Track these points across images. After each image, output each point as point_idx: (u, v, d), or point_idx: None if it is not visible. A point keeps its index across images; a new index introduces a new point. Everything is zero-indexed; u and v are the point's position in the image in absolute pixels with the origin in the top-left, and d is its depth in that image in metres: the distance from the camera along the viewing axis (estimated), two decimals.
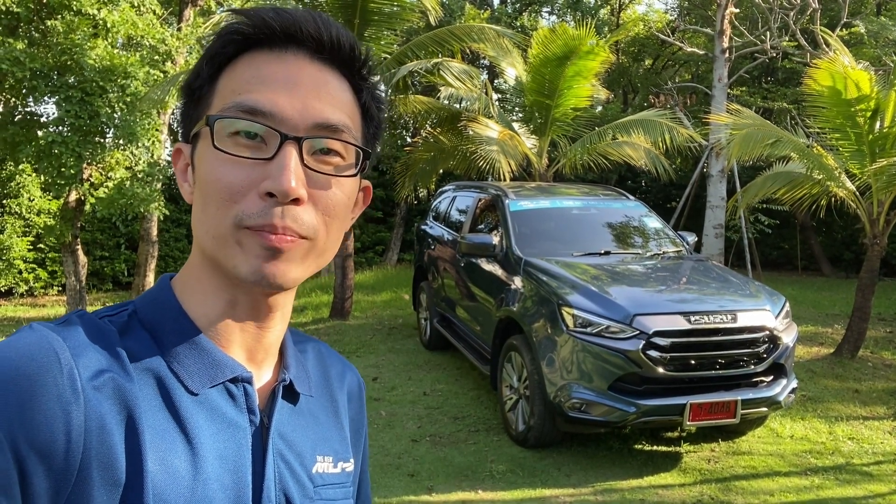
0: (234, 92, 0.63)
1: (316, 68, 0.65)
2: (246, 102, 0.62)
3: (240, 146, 0.62)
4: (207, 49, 0.67)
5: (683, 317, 4.19)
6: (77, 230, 10.09)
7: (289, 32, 0.64)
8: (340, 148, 0.65)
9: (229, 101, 0.63)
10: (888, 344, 7.48)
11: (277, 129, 0.61)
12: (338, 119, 0.65)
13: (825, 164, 6.63)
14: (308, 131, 0.63)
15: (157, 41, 8.99)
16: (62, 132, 8.49)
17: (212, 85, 0.66)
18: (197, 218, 0.65)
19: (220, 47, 0.66)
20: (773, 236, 12.81)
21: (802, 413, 5.38)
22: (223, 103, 0.64)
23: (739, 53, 12.24)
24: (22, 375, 0.54)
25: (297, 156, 0.62)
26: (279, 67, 0.64)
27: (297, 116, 0.63)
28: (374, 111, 0.71)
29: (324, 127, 0.64)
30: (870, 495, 4.11)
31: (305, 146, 0.63)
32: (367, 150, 0.68)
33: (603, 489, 4.14)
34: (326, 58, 0.66)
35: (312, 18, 0.65)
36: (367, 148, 0.68)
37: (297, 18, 0.64)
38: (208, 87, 0.66)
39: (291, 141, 0.62)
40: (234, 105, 0.62)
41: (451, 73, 8.19)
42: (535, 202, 5.90)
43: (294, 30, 0.64)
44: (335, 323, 8.49)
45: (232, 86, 0.64)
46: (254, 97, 0.62)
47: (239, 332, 0.68)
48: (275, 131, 0.61)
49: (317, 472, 0.72)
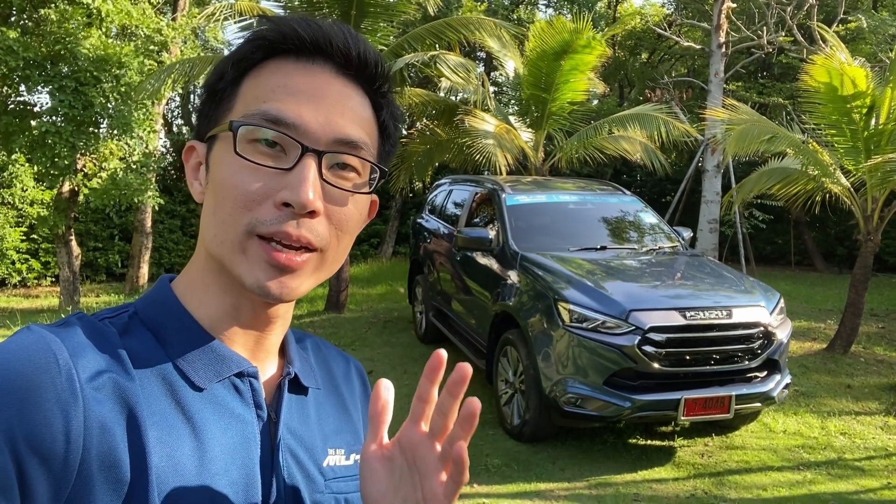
0: (258, 99, 0.63)
1: (341, 83, 0.66)
2: (271, 112, 0.62)
3: (259, 154, 0.62)
4: (234, 52, 0.67)
5: (679, 312, 4.20)
6: (71, 221, 10.05)
7: (318, 45, 0.65)
8: (358, 164, 0.66)
9: (253, 108, 0.63)
10: (880, 339, 7.53)
11: (299, 140, 0.62)
12: (358, 136, 0.65)
13: (821, 160, 6.64)
14: (328, 146, 0.63)
15: (152, 31, 8.92)
16: (56, 122, 8.43)
17: (235, 88, 0.66)
18: (206, 220, 0.65)
19: (248, 52, 0.66)
20: (767, 231, 12.86)
21: (795, 408, 5.42)
22: (247, 109, 0.64)
23: (736, 48, 12.24)
24: (20, 377, 0.54)
25: (316, 169, 0.62)
26: (306, 79, 0.64)
27: (320, 130, 0.63)
28: (391, 129, 0.72)
29: (344, 143, 0.64)
30: (861, 490, 4.14)
31: (325, 160, 0.63)
32: (383, 169, 0.69)
33: (597, 483, 4.16)
34: (352, 73, 0.67)
35: (342, 33, 0.65)
36: (382, 166, 0.69)
37: (328, 32, 0.65)
38: (231, 89, 0.66)
39: (312, 153, 0.62)
40: (259, 113, 0.62)
41: (448, 66, 8.16)
42: (531, 196, 5.90)
43: (324, 43, 0.65)
44: (330, 316, 8.48)
45: (256, 92, 0.64)
46: (278, 106, 0.62)
47: (241, 333, 0.69)
48: (296, 142, 0.62)
49: (328, 465, 0.72)
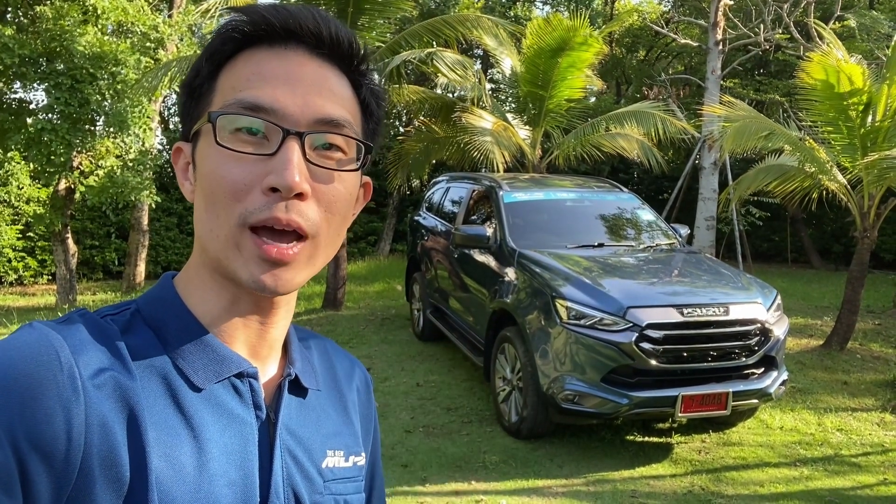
0: (234, 89, 0.63)
1: (316, 64, 0.66)
2: (247, 99, 0.62)
3: (242, 142, 0.62)
4: (207, 47, 0.67)
5: (676, 309, 4.21)
6: (67, 219, 10.02)
7: (288, 29, 0.64)
8: (342, 143, 0.66)
9: (230, 98, 0.63)
10: (877, 336, 7.55)
11: (279, 124, 0.62)
12: (339, 114, 0.65)
13: (817, 157, 6.65)
14: (310, 126, 0.63)
15: (149, 28, 8.89)
16: (52, 119, 8.40)
17: (212, 83, 0.66)
18: (199, 217, 0.65)
19: (220, 45, 0.65)
20: (764, 229, 12.88)
21: (792, 405, 5.43)
22: (224, 100, 0.64)
23: (733, 45, 12.25)
24: (22, 374, 0.54)
25: (300, 151, 0.62)
26: (279, 64, 0.64)
27: (299, 112, 0.63)
28: (373, 106, 0.71)
29: (325, 122, 0.64)
30: (858, 486, 4.16)
31: (307, 141, 0.63)
32: (368, 145, 0.68)
33: (595, 480, 4.17)
34: (326, 54, 0.66)
35: (311, 15, 0.65)
36: (368, 143, 0.69)
37: (297, 15, 0.65)
38: (208, 84, 0.66)
39: (293, 136, 0.62)
40: (236, 102, 0.62)
41: (445, 63, 8.14)
42: (529, 194, 5.90)
43: (294, 26, 0.64)
44: (328, 313, 8.48)
45: (232, 83, 0.64)
46: (255, 93, 0.62)
47: (242, 328, 0.68)
48: (277, 127, 0.62)
49: (327, 466, 0.72)
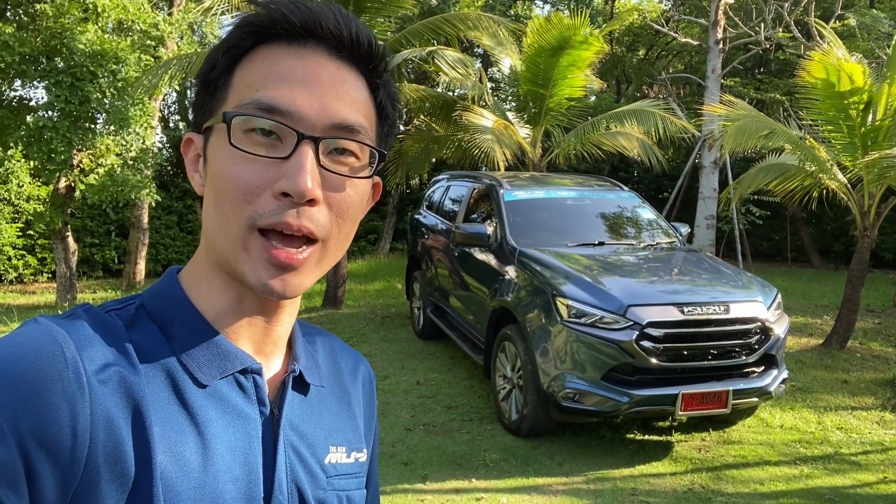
0: (250, 87, 0.62)
1: (334, 66, 0.64)
2: (263, 100, 0.61)
3: (255, 143, 0.61)
4: (223, 40, 0.66)
5: (676, 308, 4.21)
6: (67, 217, 10.02)
7: (308, 28, 0.63)
8: (356, 148, 0.65)
9: (246, 97, 0.62)
10: (877, 335, 7.56)
11: (295, 128, 0.61)
12: (355, 119, 0.64)
13: (818, 156, 6.65)
14: (325, 131, 0.62)
15: (149, 26, 8.88)
16: (52, 117, 8.40)
17: (227, 77, 0.65)
18: (209, 214, 0.64)
19: (238, 39, 0.64)
20: (764, 228, 12.88)
21: (792, 403, 5.44)
22: (240, 98, 0.62)
23: (733, 45, 12.24)
24: (27, 370, 0.53)
25: (314, 156, 0.61)
26: (297, 64, 0.63)
27: (315, 116, 0.62)
28: (389, 109, 0.70)
29: (341, 127, 0.63)
30: (858, 484, 4.16)
31: (322, 146, 0.62)
32: (382, 152, 0.67)
33: (595, 478, 4.17)
34: (344, 55, 0.65)
35: (333, 14, 0.64)
36: (381, 149, 0.68)
37: (318, 14, 0.63)
38: (224, 79, 0.65)
39: (308, 141, 0.61)
40: (252, 102, 0.61)
41: (446, 62, 8.14)
42: (529, 192, 5.90)
43: (314, 25, 0.63)
44: (328, 312, 8.48)
45: (248, 80, 0.63)
46: (271, 94, 0.61)
47: (247, 325, 0.68)
48: (292, 130, 0.61)
49: (329, 462, 0.72)
